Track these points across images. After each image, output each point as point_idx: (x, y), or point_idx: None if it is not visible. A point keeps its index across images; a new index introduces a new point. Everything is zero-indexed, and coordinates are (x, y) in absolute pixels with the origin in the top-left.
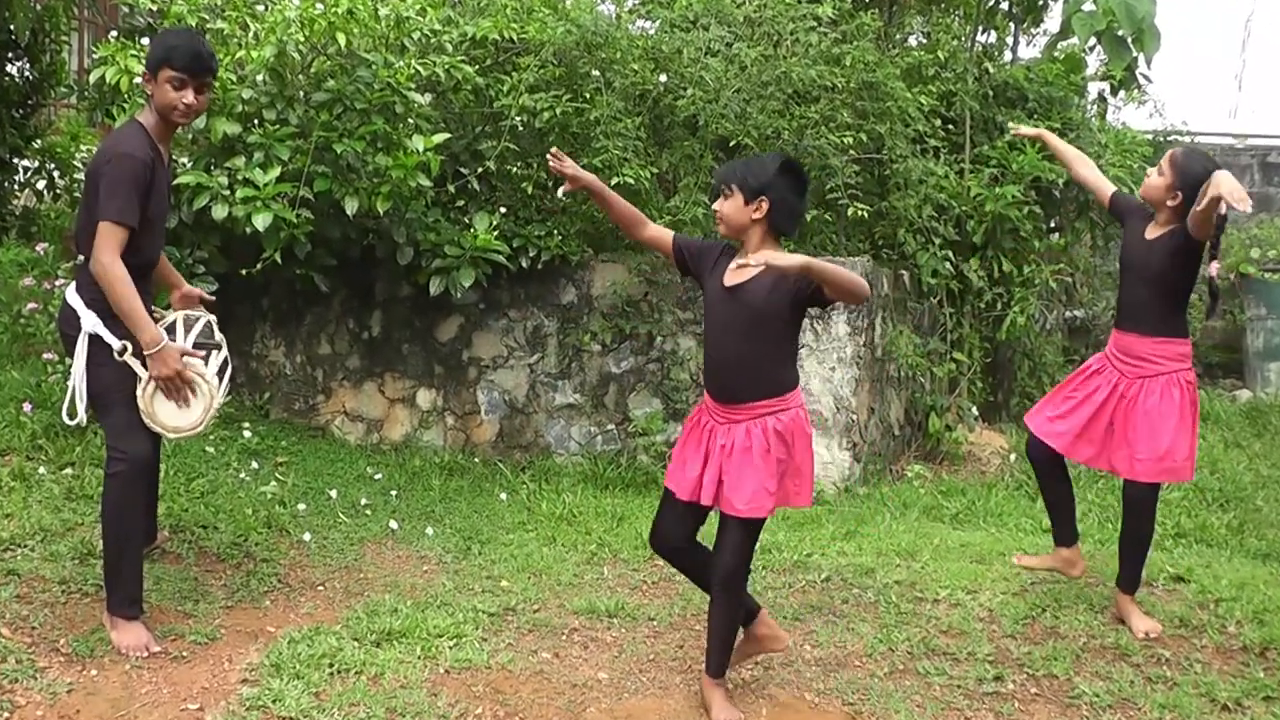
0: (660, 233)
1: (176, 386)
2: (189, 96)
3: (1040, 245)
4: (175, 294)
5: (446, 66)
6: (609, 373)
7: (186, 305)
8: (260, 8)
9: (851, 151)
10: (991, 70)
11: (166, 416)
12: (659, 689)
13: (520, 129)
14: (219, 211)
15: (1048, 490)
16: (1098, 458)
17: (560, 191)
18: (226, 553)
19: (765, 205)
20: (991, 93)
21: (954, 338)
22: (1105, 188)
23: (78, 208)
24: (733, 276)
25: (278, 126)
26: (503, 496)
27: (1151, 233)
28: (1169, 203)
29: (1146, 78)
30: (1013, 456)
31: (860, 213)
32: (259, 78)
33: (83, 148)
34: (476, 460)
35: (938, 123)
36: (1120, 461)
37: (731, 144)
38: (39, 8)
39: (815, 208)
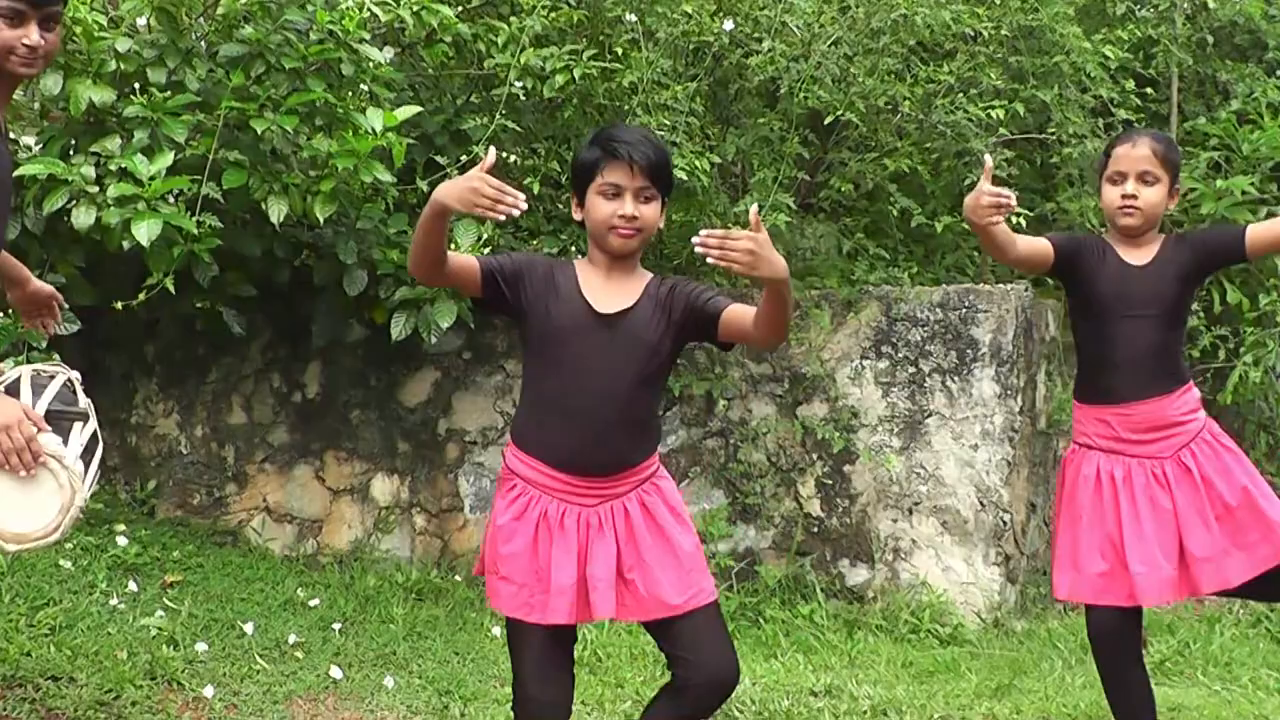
0: (463, 262)
1: (20, 458)
2: (32, 34)
3: None
4: (16, 292)
5: (415, 8)
6: None
7: (34, 310)
8: None
9: (1003, 130)
10: (1212, 5)
11: (2, 518)
12: None
13: (522, 99)
14: (83, 217)
15: (1121, 690)
16: (1181, 586)
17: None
18: (87, 716)
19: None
20: (1211, 40)
21: None
22: (1036, 243)
23: None
24: (609, 297)
25: (169, 94)
26: (495, 631)
27: (1140, 257)
28: (1169, 208)
29: None
30: None
31: (1016, 220)
32: (140, 21)
33: None
34: (458, 578)
35: (1129, 85)
36: (1235, 566)
37: (827, 120)
38: None
39: (948, 212)
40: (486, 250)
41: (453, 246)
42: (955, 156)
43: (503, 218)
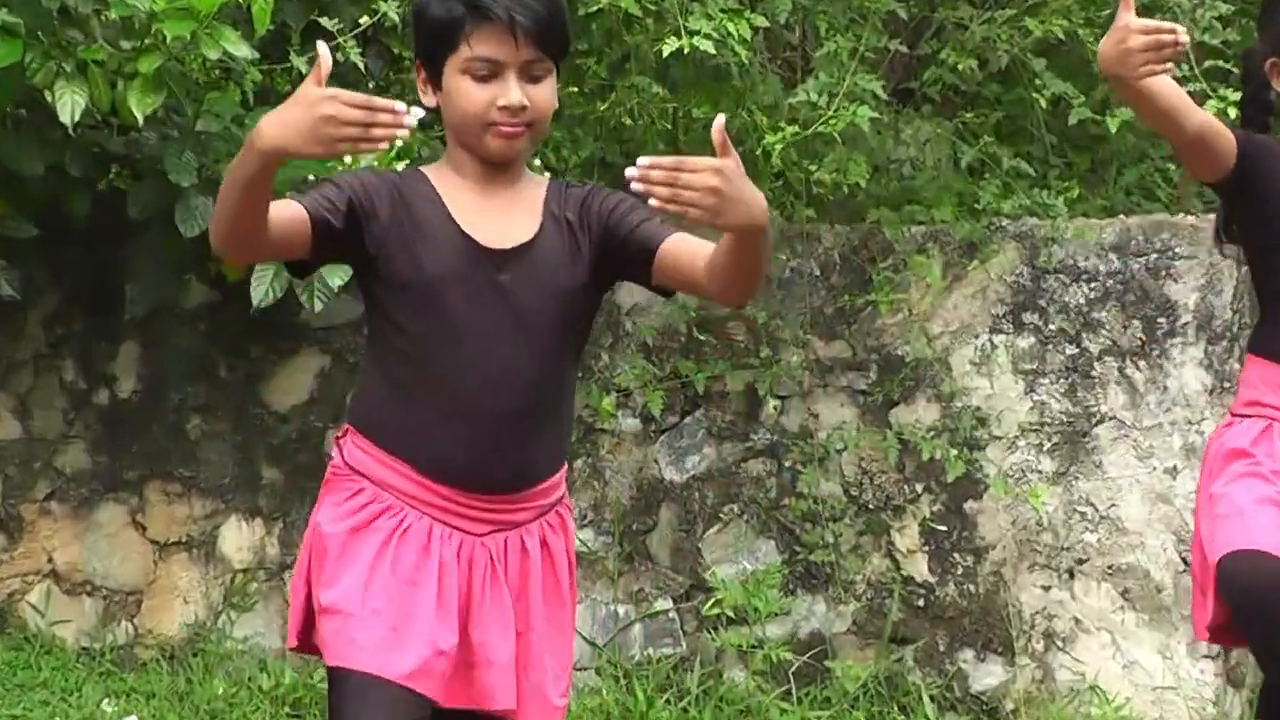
0: (286, 218)
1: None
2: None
3: None
4: None
5: None
6: (657, 482)
7: None
8: None
9: None
10: None
11: None
12: None
13: None
14: None
15: None
16: None
17: None
18: None
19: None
20: None
21: None
22: (1215, 123)
23: None
24: (495, 225)
25: None
26: None
27: None
28: None
29: None
30: None
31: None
32: None
33: None
34: None
35: None
36: None
37: None
38: None
39: None
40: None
41: (348, 162)
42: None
43: (385, 144)
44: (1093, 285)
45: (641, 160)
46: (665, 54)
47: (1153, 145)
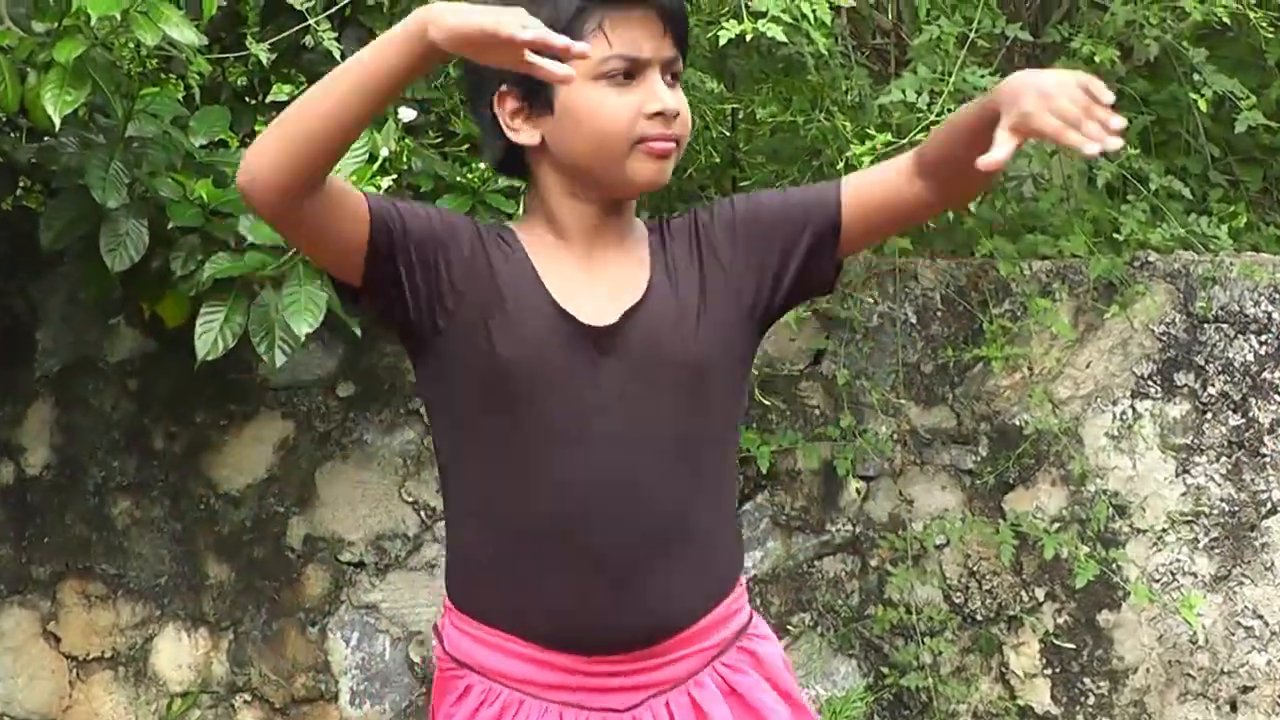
0: (345, 190)
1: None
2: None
3: None
4: None
5: None
6: None
7: None
8: None
9: None
10: None
11: None
12: None
13: None
14: None
15: None
16: None
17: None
18: None
19: None
20: None
21: None
22: None
23: None
24: (595, 290)
25: None
26: None
27: None
28: None
29: None
30: None
31: None
32: None
33: None
34: None
35: None
36: None
37: None
38: None
39: None
40: (388, 181)
41: None
42: None
43: (566, 76)
44: (1264, 338)
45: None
46: (723, 41)
47: None
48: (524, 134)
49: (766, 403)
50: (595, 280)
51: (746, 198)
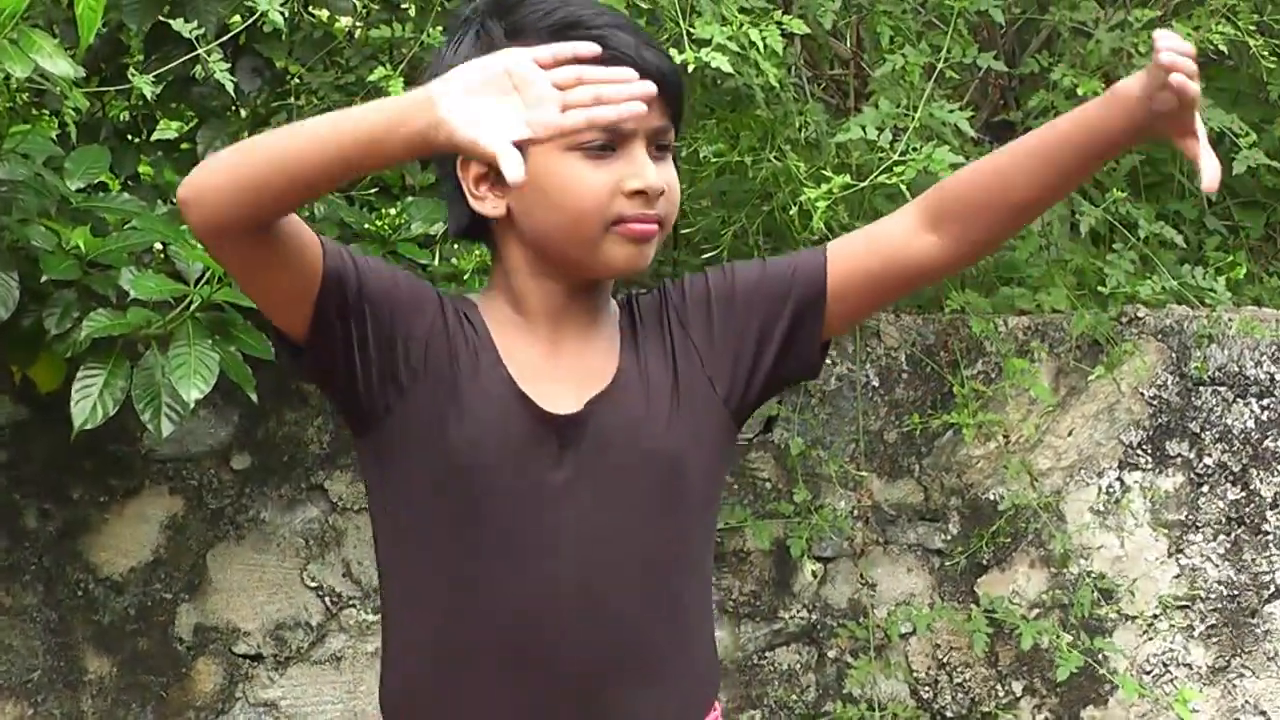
0: (302, 234)
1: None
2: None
3: None
4: None
5: None
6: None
7: None
8: None
9: None
10: None
11: None
12: None
13: None
14: None
15: None
16: None
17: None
18: None
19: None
20: None
21: None
22: None
23: None
24: (559, 375)
25: None
26: None
27: None
28: None
29: None
30: None
31: None
32: None
33: None
34: None
35: None
36: None
37: None
38: None
39: None
40: None
41: None
42: None
43: (516, 182)
44: (1266, 402)
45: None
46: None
47: None
48: (489, 204)
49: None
50: (559, 365)
51: (722, 270)
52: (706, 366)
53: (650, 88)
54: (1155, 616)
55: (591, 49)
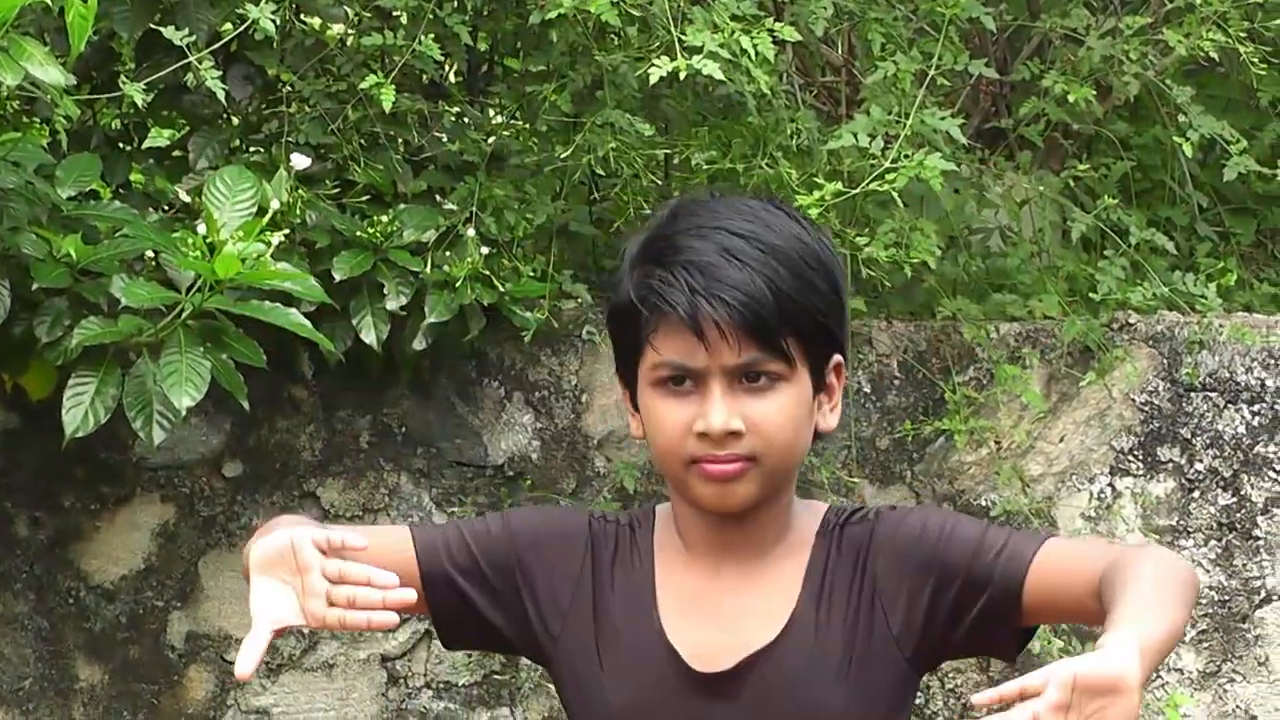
0: (384, 559)
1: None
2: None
3: None
4: None
5: None
6: None
7: None
8: None
9: None
10: None
11: None
12: None
13: None
14: None
15: None
16: None
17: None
18: None
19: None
20: None
21: None
22: None
23: None
24: (729, 619)
25: None
26: None
27: None
28: None
29: None
30: None
31: None
32: None
33: None
34: None
35: None
36: None
37: None
38: None
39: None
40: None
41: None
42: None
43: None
44: (1256, 408)
45: (980, 697)
46: (653, 80)
47: None
48: (634, 426)
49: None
50: (720, 605)
51: (938, 524)
52: (892, 620)
53: (406, 597)
54: None
55: (358, 542)
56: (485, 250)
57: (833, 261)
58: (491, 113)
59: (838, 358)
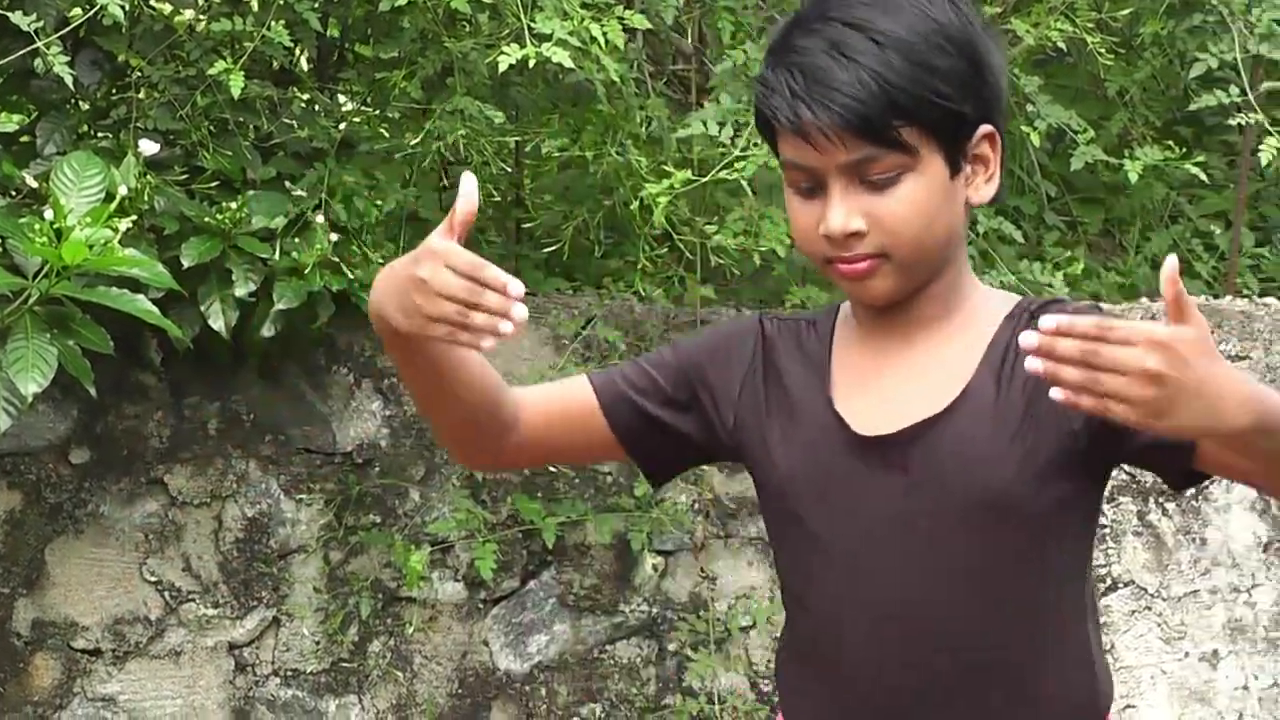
0: (558, 397)
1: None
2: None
3: None
4: None
5: None
6: (488, 672)
7: None
8: None
9: None
10: None
11: None
12: None
13: None
14: None
15: None
16: None
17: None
18: None
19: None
20: None
21: None
22: None
23: None
24: (899, 391)
25: None
26: None
27: None
28: None
29: None
30: None
31: None
32: None
33: None
34: None
35: None
36: None
37: None
38: None
39: (1153, 139)
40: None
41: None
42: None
43: (486, 344)
44: None
45: (1046, 320)
46: (503, 67)
47: (1190, 200)
48: None
49: (552, 470)
50: (887, 380)
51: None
52: (1074, 413)
53: (516, 292)
54: None
55: (500, 280)
56: (334, 237)
57: (966, 33)
58: (342, 99)
59: (985, 128)
